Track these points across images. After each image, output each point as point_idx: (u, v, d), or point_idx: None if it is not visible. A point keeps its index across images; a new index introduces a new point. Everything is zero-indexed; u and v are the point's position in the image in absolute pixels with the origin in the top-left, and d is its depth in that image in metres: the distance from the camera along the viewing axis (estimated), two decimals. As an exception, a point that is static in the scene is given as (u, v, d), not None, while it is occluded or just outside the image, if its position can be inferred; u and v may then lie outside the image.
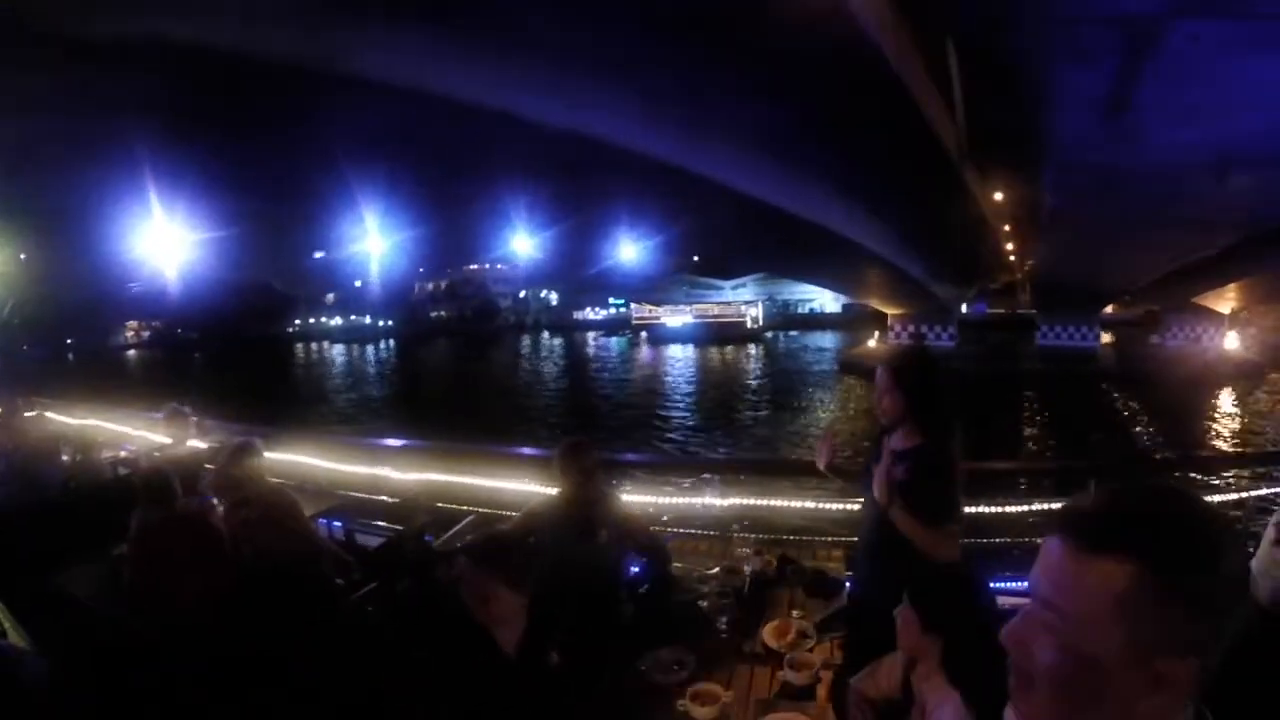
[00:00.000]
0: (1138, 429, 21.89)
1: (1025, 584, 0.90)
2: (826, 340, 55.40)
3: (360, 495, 5.73)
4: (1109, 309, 34.02)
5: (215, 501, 3.80)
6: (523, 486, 5.39)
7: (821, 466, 3.09)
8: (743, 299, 69.38)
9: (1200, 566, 0.80)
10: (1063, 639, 0.82)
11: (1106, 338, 33.88)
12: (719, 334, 57.79)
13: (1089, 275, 25.81)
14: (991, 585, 2.14)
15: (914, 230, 24.67)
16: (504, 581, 2.38)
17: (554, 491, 3.48)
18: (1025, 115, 14.21)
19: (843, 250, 22.90)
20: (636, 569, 3.49)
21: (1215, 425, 22.01)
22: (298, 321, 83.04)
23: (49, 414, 8.76)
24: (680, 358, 47.39)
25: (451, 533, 4.29)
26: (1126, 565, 0.79)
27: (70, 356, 61.04)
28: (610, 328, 72.91)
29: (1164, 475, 5.39)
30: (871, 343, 38.50)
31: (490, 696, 2.23)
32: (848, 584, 3.37)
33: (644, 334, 63.08)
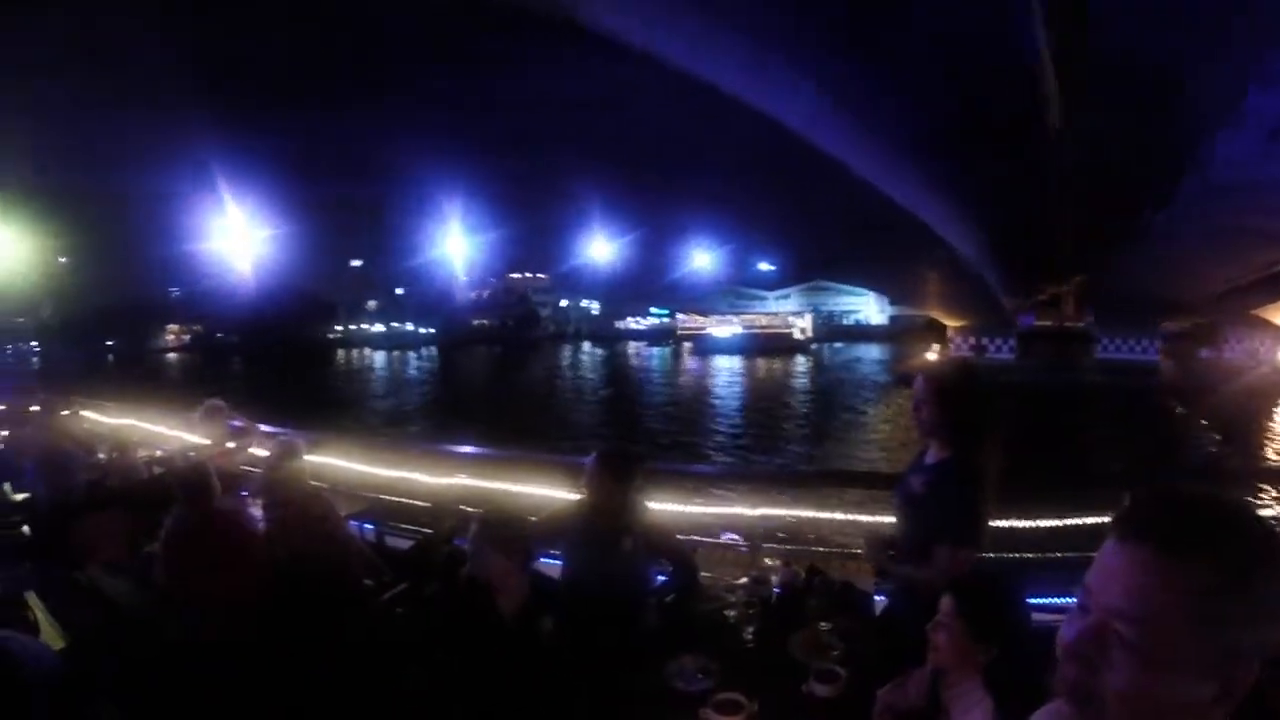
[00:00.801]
0: (1205, 442, 21.30)
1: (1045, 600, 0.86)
2: (875, 352, 54.74)
3: (392, 498, 5.78)
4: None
5: (251, 501, 3.85)
6: (556, 493, 5.38)
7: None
8: (787, 309, 68.99)
9: (1269, 568, 0.78)
10: (1141, 652, 0.79)
11: (1156, 351, 33.53)
12: (767, 345, 57.41)
13: (1163, 287, 25.66)
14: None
15: (1002, 237, 24.74)
16: (506, 553, 2.63)
17: (581, 497, 3.46)
18: (1160, 131, 14.58)
19: (920, 255, 23.19)
20: (663, 577, 3.46)
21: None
22: (339, 328, 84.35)
23: (85, 413, 8.94)
24: (728, 369, 47.03)
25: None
26: (1211, 567, 0.77)
27: (110, 358, 62.45)
28: (654, 338, 72.90)
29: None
30: (931, 355, 38.04)
31: (489, 657, 2.43)
32: (878, 596, 3.30)
33: (687, 345, 62.96)
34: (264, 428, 5.83)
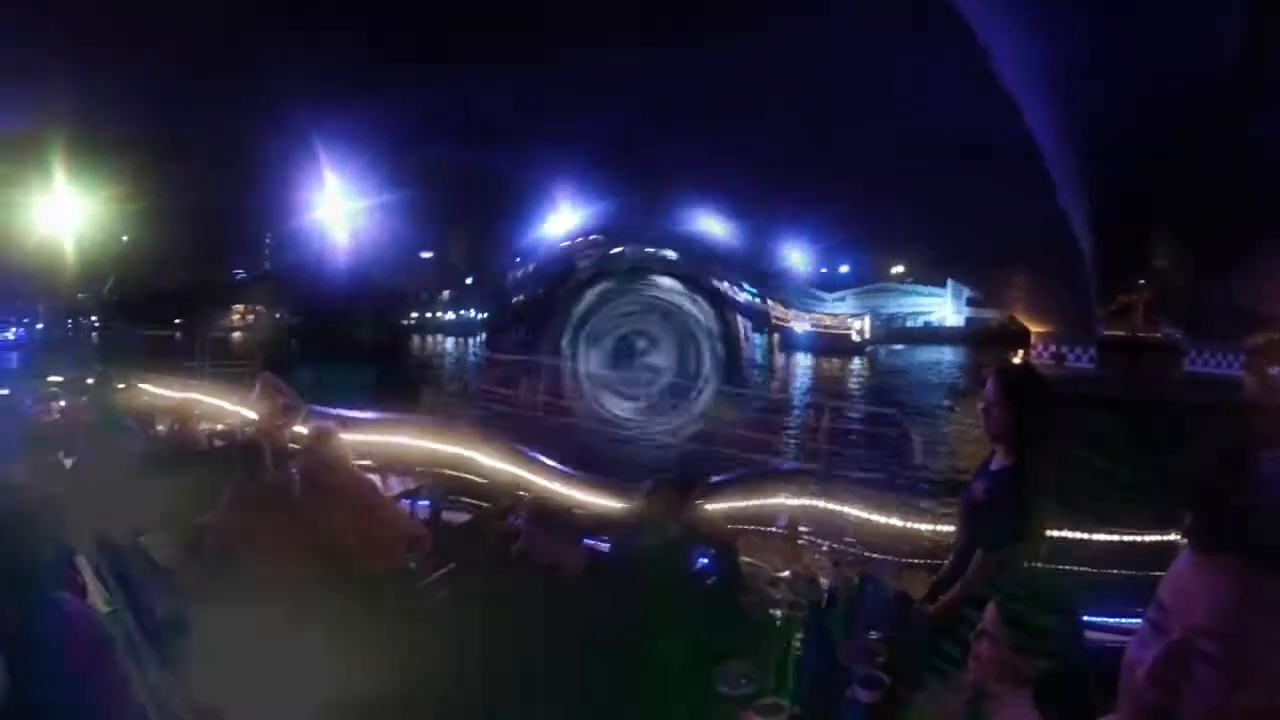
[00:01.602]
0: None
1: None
2: (937, 354, 53.31)
3: (452, 473, 5.86)
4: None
5: (299, 479, 3.92)
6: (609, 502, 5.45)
7: None
8: (844, 311, 67.79)
9: None
10: (1229, 669, 0.74)
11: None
12: (829, 345, 56.66)
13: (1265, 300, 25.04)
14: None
15: (1118, 243, 24.78)
16: (553, 531, 2.79)
17: (633, 508, 3.50)
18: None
19: (1018, 252, 23.37)
20: (705, 560, 3.45)
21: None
22: (414, 315, 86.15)
23: (144, 386, 9.18)
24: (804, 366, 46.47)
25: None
26: None
27: (176, 336, 64.51)
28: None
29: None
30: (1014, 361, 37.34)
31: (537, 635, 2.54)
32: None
33: (776, 336, 62.26)
34: (312, 407, 5.95)
